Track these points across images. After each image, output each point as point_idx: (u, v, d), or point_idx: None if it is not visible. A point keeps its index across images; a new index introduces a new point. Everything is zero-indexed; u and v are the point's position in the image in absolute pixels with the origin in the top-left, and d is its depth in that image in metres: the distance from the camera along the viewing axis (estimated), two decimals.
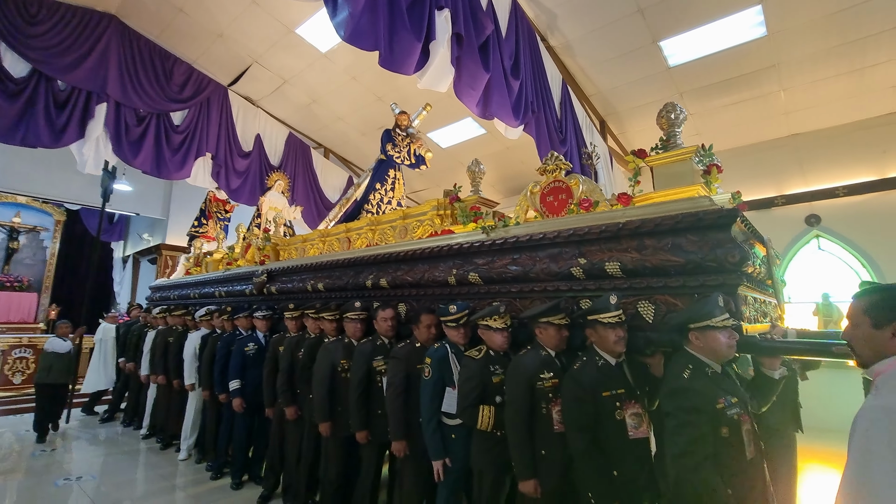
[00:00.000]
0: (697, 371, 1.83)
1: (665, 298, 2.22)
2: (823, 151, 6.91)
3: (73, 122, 6.06)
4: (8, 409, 7.10)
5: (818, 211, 6.94)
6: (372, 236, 4.22)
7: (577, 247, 2.54)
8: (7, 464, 4.86)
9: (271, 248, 5.36)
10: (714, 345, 1.83)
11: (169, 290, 7.42)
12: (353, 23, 3.40)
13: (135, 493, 4.06)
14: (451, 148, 8.93)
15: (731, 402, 1.76)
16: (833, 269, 7.04)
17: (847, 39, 5.51)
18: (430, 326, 2.92)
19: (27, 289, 9.64)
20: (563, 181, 2.89)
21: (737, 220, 2.09)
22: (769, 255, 2.56)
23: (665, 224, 2.21)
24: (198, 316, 5.19)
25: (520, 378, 2.29)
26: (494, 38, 4.61)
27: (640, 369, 2.24)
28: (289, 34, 6.72)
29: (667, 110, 2.65)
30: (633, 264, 2.27)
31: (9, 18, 5.71)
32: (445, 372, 2.66)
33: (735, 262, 2.00)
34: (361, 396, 3.09)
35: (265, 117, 8.74)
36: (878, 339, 1.25)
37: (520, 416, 2.25)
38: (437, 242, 3.28)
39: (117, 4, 6.62)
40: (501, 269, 2.83)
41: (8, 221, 9.60)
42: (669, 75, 6.46)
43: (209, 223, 8.55)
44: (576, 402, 2.07)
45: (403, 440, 2.83)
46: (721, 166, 2.57)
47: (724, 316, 1.87)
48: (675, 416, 1.78)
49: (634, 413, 2.02)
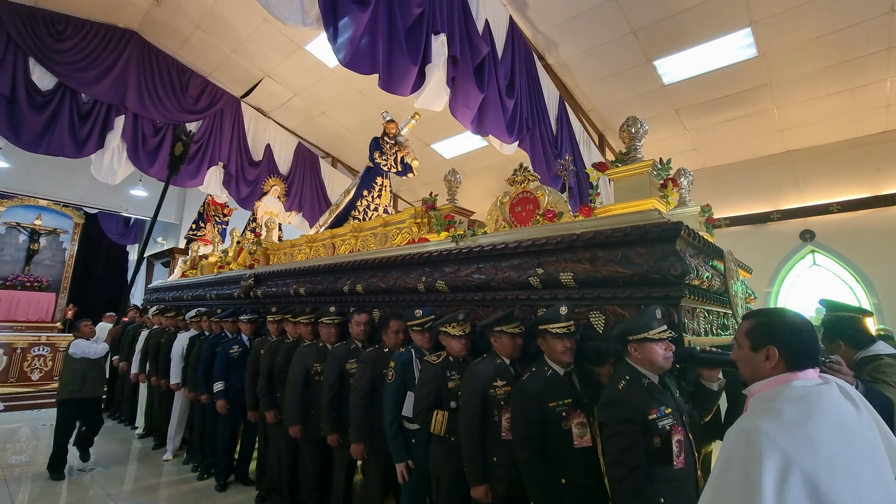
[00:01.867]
0: (633, 382, 1.87)
1: (614, 309, 2.27)
2: (818, 168, 7.02)
3: (94, 133, 6.44)
4: (26, 404, 7.44)
5: (812, 226, 7.03)
6: (355, 243, 4.32)
7: (537, 257, 2.57)
8: (24, 457, 5.16)
9: (262, 252, 5.45)
10: (651, 356, 1.87)
11: (164, 292, 7.62)
12: (353, 49, 3.66)
13: (120, 490, 4.12)
14: (453, 159, 9.18)
15: (664, 412, 1.80)
16: (827, 285, 7.11)
17: (837, 60, 5.66)
18: (398, 332, 2.97)
19: (46, 289, 10.02)
20: (530, 192, 2.94)
21: (681, 234, 2.11)
22: (727, 269, 2.56)
23: (615, 236, 2.26)
24: (188, 317, 5.24)
25: (473, 385, 2.33)
26: (490, 60, 4.86)
27: (589, 378, 2.27)
28: (299, 50, 7.05)
29: (627, 124, 2.69)
30: (584, 275, 2.32)
31: (38, 35, 6.10)
32: (409, 376, 2.71)
33: (677, 275, 2.03)
34: (333, 400, 3.12)
35: (275, 128, 9.08)
36: (755, 361, 1.28)
37: (472, 423, 2.29)
38: (410, 250, 3.33)
39: (139, 21, 7.01)
40: (466, 277, 2.87)
41: (29, 223, 10.01)
42: (665, 93, 6.65)
43: (207, 227, 8.71)
44: (523, 412, 2.11)
45: (362, 443, 2.87)
46: (677, 180, 2.62)
47: (662, 328, 1.91)
48: (608, 426, 1.84)
49: (580, 422, 2.06)
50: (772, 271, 7.28)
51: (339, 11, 3.56)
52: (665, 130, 7.34)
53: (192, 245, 8.05)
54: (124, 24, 6.99)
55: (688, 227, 2.18)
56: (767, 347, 1.24)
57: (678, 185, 2.62)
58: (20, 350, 8.18)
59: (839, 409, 1.12)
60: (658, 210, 2.29)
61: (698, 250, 2.40)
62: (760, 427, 1.06)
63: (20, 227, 9.88)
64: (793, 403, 1.11)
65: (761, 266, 7.24)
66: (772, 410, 1.11)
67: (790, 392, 1.15)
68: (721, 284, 2.50)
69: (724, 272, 2.57)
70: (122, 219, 11.98)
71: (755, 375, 1.28)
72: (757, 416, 1.13)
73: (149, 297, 8.36)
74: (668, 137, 7.45)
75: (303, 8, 3.57)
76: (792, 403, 1.12)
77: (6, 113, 5.73)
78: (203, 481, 4.32)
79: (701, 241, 2.38)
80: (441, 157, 9.13)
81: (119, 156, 6.85)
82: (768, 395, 1.19)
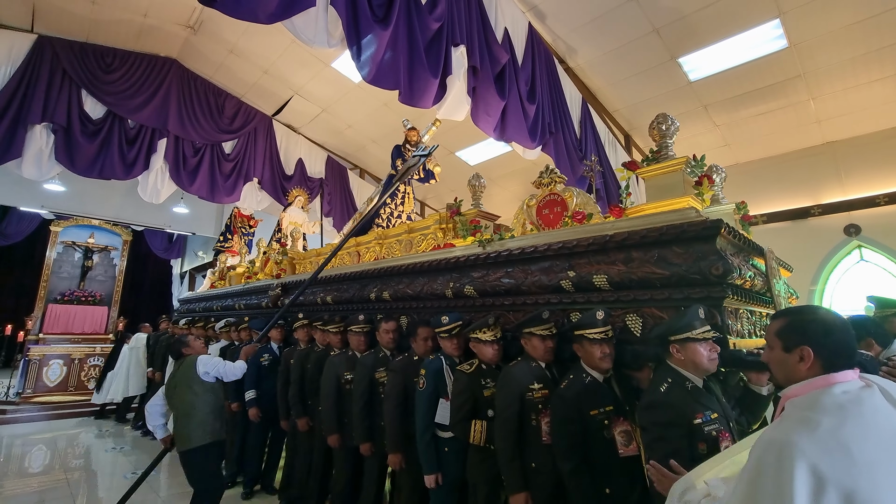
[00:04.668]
0: (676, 385, 1.77)
1: (652, 311, 2.19)
2: (861, 159, 6.68)
3: (140, 156, 6.88)
4: (84, 411, 7.94)
5: (857, 220, 6.69)
6: (379, 250, 4.32)
7: (567, 259, 2.50)
8: (83, 461, 5.54)
9: (288, 261, 5.51)
10: (695, 357, 1.77)
11: (195, 303, 7.85)
12: (376, 66, 3.81)
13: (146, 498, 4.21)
14: (479, 165, 9.25)
15: (710, 417, 1.69)
16: (877, 281, 6.74)
17: (877, 46, 5.40)
18: (427, 339, 2.92)
19: (99, 303, 10.70)
20: (557, 194, 2.88)
21: (721, 232, 2.03)
22: (769, 267, 2.48)
23: (650, 236, 2.18)
24: (217, 328, 5.25)
25: (509, 389, 2.27)
26: (510, 67, 4.92)
27: (628, 384, 2.19)
28: (325, 68, 7.31)
29: (658, 121, 2.58)
30: (619, 277, 2.25)
31: (90, 69, 6.60)
32: (440, 383, 2.66)
33: (719, 275, 1.95)
34: (364, 408, 3.09)
35: (306, 143, 9.42)
36: (788, 362, 1.21)
37: (509, 428, 2.21)
38: (436, 256, 3.30)
39: (178, 50, 7.46)
40: (495, 282, 2.81)
41: (84, 242, 10.72)
42: (691, 89, 6.52)
43: (234, 238, 8.91)
44: (564, 421, 2.05)
45: (399, 453, 2.81)
46: (712, 177, 2.50)
47: (705, 328, 1.81)
48: (649, 431, 1.74)
49: (623, 430, 1.98)
50: (815, 268, 6.95)
51: (361, 31, 3.71)
52: (694, 127, 7.17)
53: (220, 256, 8.27)
54: (165, 52, 7.46)
55: (728, 224, 2.10)
56: (801, 348, 1.17)
57: (713, 182, 2.50)
58: (77, 361, 8.76)
59: (884, 416, 1.02)
60: (695, 209, 2.21)
61: (739, 249, 2.30)
62: (794, 440, 0.98)
63: (76, 246, 10.60)
64: (831, 414, 1.02)
65: (804, 263, 6.93)
66: (808, 422, 1.02)
67: (829, 400, 1.06)
68: (763, 284, 2.40)
69: (765, 271, 2.48)
70: (166, 235, 12.66)
71: (790, 378, 1.21)
72: (791, 426, 1.04)
73: (181, 307, 8.64)
74: (699, 134, 7.27)
75: (327, 30, 3.74)
76: (830, 414, 1.02)
77: (63, 142, 6.22)
78: (229, 490, 4.27)
79: (742, 239, 2.28)
80: (466, 163, 9.22)
81: (162, 176, 7.28)
82: (806, 402, 1.10)
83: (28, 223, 10.34)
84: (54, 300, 9.98)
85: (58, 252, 10.37)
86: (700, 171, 2.55)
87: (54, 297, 10.03)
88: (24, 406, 7.84)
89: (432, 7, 4.22)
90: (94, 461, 5.45)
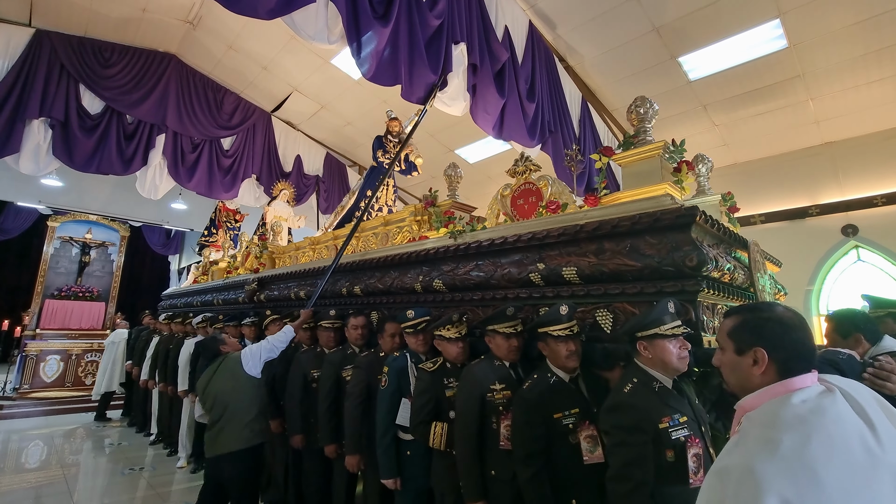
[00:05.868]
0: (642, 385, 1.64)
1: (623, 306, 2.05)
2: (859, 160, 6.70)
3: (139, 151, 6.85)
4: (81, 407, 7.93)
5: (855, 221, 6.71)
6: (356, 243, 4.19)
7: (539, 251, 2.36)
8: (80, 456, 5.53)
9: (268, 256, 5.42)
10: (663, 356, 1.64)
11: (177, 298, 7.82)
12: (376, 62, 3.79)
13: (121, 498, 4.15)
14: (478, 163, 9.25)
15: (678, 421, 1.56)
16: (874, 281, 6.77)
17: (877, 47, 5.41)
18: (394, 335, 2.79)
19: (97, 298, 10.67)
20: (533, 183, 2.72)
21: (696, 220, 1.90)
22: (752, 261, 2.35)
23: (622, 225, 2.03)
24: (194, 323, 5.18)
25: (470, 389, 2.14)
26: (510, 65, 4.91)
27: (598, 385, 2.01)
28: (325, 65, 7.29)
29: (636, 104, 2.44)
30: (590, 270, 2.11)
31: (88, 64, 6.56)
32: (404, 382, 2.52)
33: (693, 266, 1.81)
34: (330, 408, 2.95)
35: (305, 139, 9.39)
36: (741, 366, 1.09)
37: (468, 431, 2.08)
38: (407, 249, 3.16)
39: (177, 45, 7.43)
40: (465, 275, 2.68)
41: (81, 237, 10.69)
42: (691, 89, 6.52)
43: (219, 232, 8.74)
44: (525, 425, 1.89)
45: (358, 454, 2.68)
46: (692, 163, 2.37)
47: (675, 323, 1.67)
48: (612, 435, 1.61)
49: (589, 436, 1.83)
50: (812, 268, 6.99)
51: (361, 28, 3.70)
52: (693, 127, 7.18)
53: (204, 251, 8.17)
54: (164, 48, 7.42)
55: (704, 212, 1.96)
56: (755, 349, 1.05)
57: (693, 169, 2.35)
58: (75, 356, 8.75)
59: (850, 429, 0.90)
60: (671, 196, 2.07)
61: (718, 239, 2.17)
62: (754, 467, 0.87)
63: (73, 241, 10.56)
64: (792, 429, 0.90)
65: (801, 263, 6.96)
66: (768, 443, 0.90)
67: (788, 413, 0.94)
68: (746, 278, 2.27)
69: (748, 264, 2.34)
70: (164, 231, 12.61)
71: (743, 385, 1.09)
72: (751, 450, 0.92)
73: (163, 303, 8.57)
74: (697, 133, 7.28)
75: (327, 26, 3.73)
76: (791, 429, 0.90)
77: (61, 137, 6.18)
78: None
79: (721, 230, 2.13)
80: (465, 161, 9.21)
81: (161, 172, 7.25)
82: (763, 416, 0.98)
83: (25, 218, 10.29)
84: (51, 296, 9.96)
85: (55, 247, 10.35)
86: (679, 156, 2.40)
87: (51, 292, 10.01)
88: (22, 401, 7.82)
89: (433, 4, 4.21)
90: (92, 457, 5.45)
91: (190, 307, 6.86)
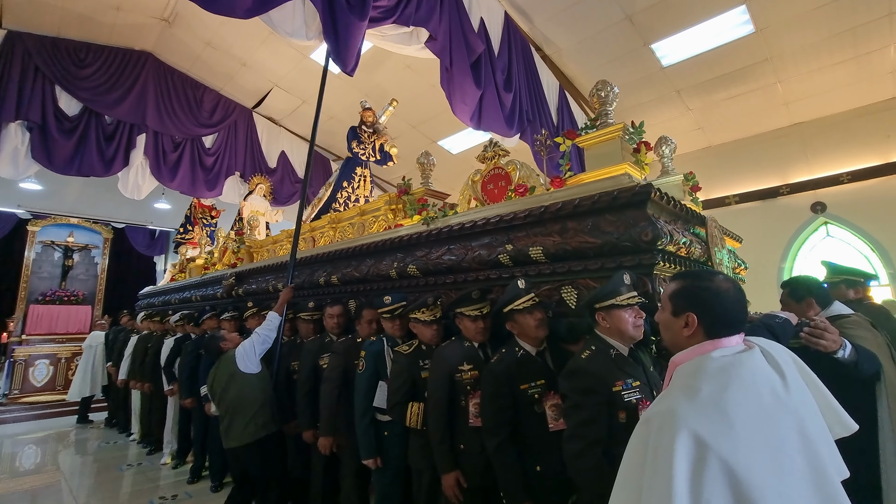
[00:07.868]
0: (599, 352, 1.74)
1: (586, 282, 2.16)
2: (827, 139, 6.96)
3: (119, 152, 6.83)
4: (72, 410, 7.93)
5: (823, 198, 6.99)
6: (333, 234, 4.24)
7: (507, 233, 2.46)
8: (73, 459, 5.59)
9: (245, 250, 5.40)
10: (619, 324, 1.74)
11: (154, 297, 7.76)
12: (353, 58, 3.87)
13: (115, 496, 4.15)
14: (460, 154, 9.35)
15: (631, 385, 1.66)
16: (843, 256, 7.07)
17: (839, 29, 5.62)
18: (371, 321, 2.86)
19: (82, 302, 10.57)
20: (502, 168, 2.82)
21: (651, 197, 1.99)
22: (710, 236, 2.49)
23: (583, 205, 2.14)
24: (172, 321, 5.16)
25: (440, 370, 2.23)
26: (486, 57, 5.01)
27: (564, 359, 2.05)
28: (304, 59, 7.30)
29: (597, 88, 2.51)
30: (554, 248, 2.21)
31: (63, 65, 6.49)
32: (381, 366, 2.60)
33: (648, 241, 1.91)
34: (308, 395, 3.02)
35: (288, 135, 9.39)
36: (674, 326, 1.20)
37: (438, 409, 2.18)
38: (381, 237, 3.24)
39: (153, 43, 7.36)
40: (437, 259, 2.76)
41: (63, 241, 10.55)
42: (664, 75, 6.69)
43: (195, 229, 8.62)
44: (493, 396, 1.99)
45: (331, 436, 2.76)
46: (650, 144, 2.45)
47: (630, 294, 1.77)
48: (568, 398, 1.72)
49: (554, 404, 1.91)
50: (784, 245, 7.27)
51: (338, 24, 3.77)
52: (668, 112, 7.37)
53: (181, 249, 8.08)
54: (140, 46, 7.36)
55: (659, 189, 2.07)
56: (687, 314, 1.16)
57: (651, 149, 2.45)
58: (64, 360, 8.72)
59: (762, 379, 1.02)
60: (629, 175, 2.18)
61: (675, 216, 2.29)
62: (675, 409, 0.96)
63: (55, 245, 10.43)
64: (712, 379, 1.01)
65: (774, 240, 7.24)
66: (689, 390, 1.01)
67: (710, 365, 1.05)
68: (703, 252, 2.40)
69: (706, 239, 2.47)
70: (149, 231, 12.49)
71: (674, 342, 1.21)
72: (674, 395, 1.03)
73: (140, 302, 8.49)
74: (672, 118, 7.48)
75: (305, 23, 3.79)
76: (711, 379, 1.01)
77: (39, 140, 6.14)
78: (194, 484, 4.27)
79: (677, 206, 2.24)
80: (448, 153, 9.30)
81: (143, 172, 7.23)
82: (689, 369, 1.09)
83: (4, 223, 10.12)
84: (35, 300, 9.85)
85: (36, 252, 10.20)
86: (639, 137, 2.51)
87: (35, 297, 9.90)
88: (12, 406, 7.80)
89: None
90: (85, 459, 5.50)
91: (168, 305, 6.77)
